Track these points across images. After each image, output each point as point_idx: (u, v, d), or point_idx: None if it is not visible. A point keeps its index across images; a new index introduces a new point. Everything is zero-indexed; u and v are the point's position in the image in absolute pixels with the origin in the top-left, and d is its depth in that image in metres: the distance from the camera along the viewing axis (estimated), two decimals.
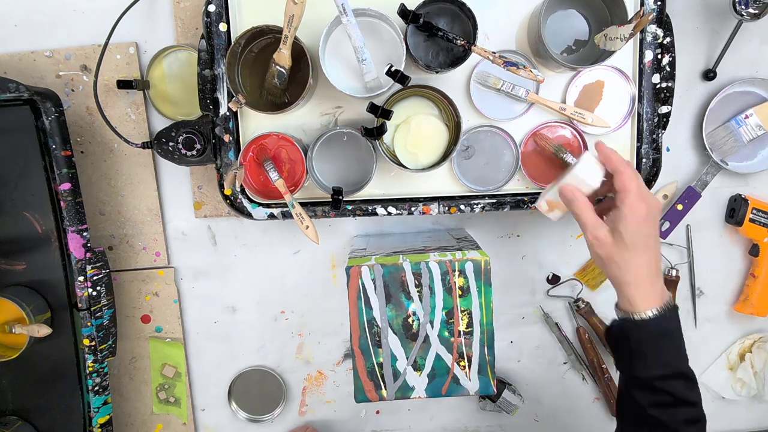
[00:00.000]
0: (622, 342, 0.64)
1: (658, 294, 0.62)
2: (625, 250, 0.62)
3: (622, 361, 0.65)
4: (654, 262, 0.63)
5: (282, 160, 0.77)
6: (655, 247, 0.63)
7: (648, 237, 0.62)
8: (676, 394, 0.61)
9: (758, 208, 0.85)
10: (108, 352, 0.79)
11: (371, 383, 0.72)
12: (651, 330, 0.61)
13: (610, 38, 0.68)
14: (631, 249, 0.61)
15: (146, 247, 0.87)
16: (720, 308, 0.91)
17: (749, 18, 0.77)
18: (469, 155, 0.78)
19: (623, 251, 0.62)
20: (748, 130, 0.83)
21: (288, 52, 0.68)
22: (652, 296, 0.62)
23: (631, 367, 0.63)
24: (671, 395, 0.61)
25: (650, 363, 0.62)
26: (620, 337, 0.64)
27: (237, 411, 0.93)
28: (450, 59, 0.73)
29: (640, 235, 0.61)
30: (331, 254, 0.89)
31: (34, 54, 0.82)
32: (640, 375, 0.62)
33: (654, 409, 0.61)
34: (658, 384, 0.61)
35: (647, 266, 0.62)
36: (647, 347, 0.62)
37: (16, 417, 0.80)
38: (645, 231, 0.62)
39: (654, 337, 0.62)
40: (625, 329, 0.63)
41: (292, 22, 0.65)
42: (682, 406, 0.61)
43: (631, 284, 0.62)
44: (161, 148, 0.77)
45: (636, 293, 0.62)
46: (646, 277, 0.62)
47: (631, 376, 0.64)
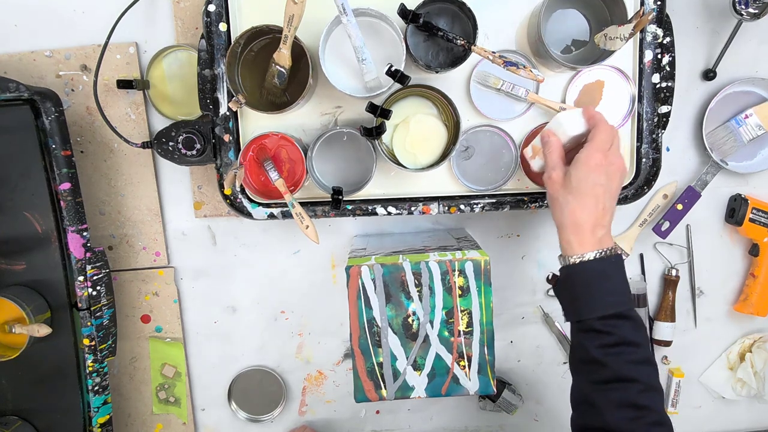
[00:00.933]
0: (566, 288, 0.66)
1: (596, 240, 0.64)
2: (568, 193, 0.64)
3: (568, 307, 0.66)
4: (597, 210, 0.64)
5: (282, 159, 0.77)
6: (602, 197, 0.64)
7: (595, 185, 0.64)
8: (618, 333, 0.62)
9: (758, 208, 0.85)
10: (108, 352, 0.79)
11: (371, 383, 0.72)
12: (590, 272, 0.63)
13: (610, 38, 0.68)
14: (574, 193, 0.64)
15: (146, 246, 0.87)
16: (720, 308, 0.91)
17: (749, 18, 0.77)
18: (468, 155, 0.78)
19: (566, 193, 0.64)
20: (748, 129, 0.83)
21: (288, 52, 0.68)
22: (590, 242, 0.64)
23: (576, 311, 0.65)
24: (613, 334, 0.62)
25: (592, 304, 0.63)
26: (564, 282, 0.66)
27: (237, 411, 0.93)
28: (450, 59, 0.73)
29: (586, 182, 0.63)
30: (331, 254, 0.89)
31: (34, 54, 0.82)
32: (583, 317, 0.64)
33: (598, 350, 0.62)
34: (599, 325, 0.62)
35: (588, 212, 0.64)
36: (588, 289, 0.64)
37: (16, 417, 0.80)
38: (593, 178, 0.63)
39: (594, 278, 0.63)
40: (567, 275, 0.65)
41: (292, 22, 0.65)
42: (625, 345, 0.62)
43: (568, 227, 0.64)
44: (161, 148, 0.77)
45: (573, 237, 0.64)
46: (586, 222, 0.64)
47: (576, 321, 0.65)
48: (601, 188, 0.64)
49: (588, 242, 0.64)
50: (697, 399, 0.94)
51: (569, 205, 0.64)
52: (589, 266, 0.63)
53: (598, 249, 0.64)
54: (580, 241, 0.64)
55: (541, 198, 0.79)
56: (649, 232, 0.87)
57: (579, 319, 0.64)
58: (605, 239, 0.65)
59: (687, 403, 0.93)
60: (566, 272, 0.65)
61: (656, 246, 0.89)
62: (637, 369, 0.62)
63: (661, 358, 0.92)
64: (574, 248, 0.64)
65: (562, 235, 0.66)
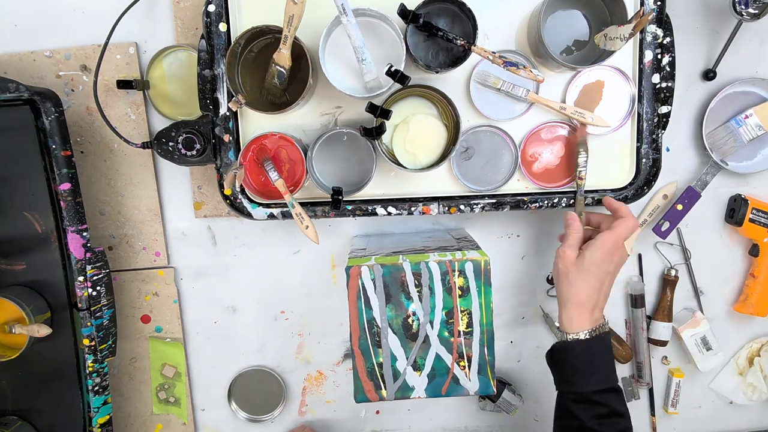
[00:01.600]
0: (563, 361, 0.72)
1: (595, 319, 0.71)
2: (578, 272, 0.70)
3: (563, 378, 0.72)
4: (601, 293, 0.71)
5: (282, 160, 0.77)
6: (607, 282, 0.71)
7: (604, 272, 0.71)
8: (611, 405, 0.69)
9: (758, 208, 0.85)
10: (108, 352, 0.79)
11: (371, 383, 0.72)
12: (588, 349, 0.70)
13: (610, 38, 0.68)
14: (584, 273, 0.70)
15: (146, 247, 0.87)
16: (720, 308, 0.91)
17: (749, 18, 0.77)
18: (468, 156, 0.78)
19: (577, 271, 0.70)
20: (748, 130, 0.83)
21: (288, 52, 0.68)
22: (589, 320, 0.70)
23: (573, 383, 0.71)
24: (607, 406, 0.69)
25: (590, 378, 0.70)
26: (562, 355, 0.72)
27: (237, 411, 0.93)
28: (450, 59, 0.73)
29: (599, 266, 0.70)
30: (331, 254, 0.89)
31: (34, 54, 0.82)
32: (581, 390, 0.70)
33: (592, 420, 0.68)
34: (596, 397, 0.69)
35: (592, 294, 0.70)
36: (586, 364, 0.70)
37: (16, 417, 0.80)
38: (605, 265, 0.70)
39: (592, 355, 0.70)
40: (565, 350, 0.71)
41: (291, 22, 0.65)
42: (616, 416, 0.69)
43: (572, 304, 0.71)
44: (161, 148, 0.77)
45: (574, 315, 0.70)
46: (588, 302, 0.70)
47: (570, 392, 0.71)
48: (609, 275, 0.71)
49: (586, 321, 0.70)
50: (697, 399, 0.94)
51: (578, 283, 0.70)
52: (586, 344, 0.70)
53: (592, 327, 0.70)
54: (580, 320, 0.70)
55: (541, 198, 0.79)
56: (649, 232, 0.87)
57: (577, 391, 0.70)
58: (600, 317, 0.72)
59: (687, 403, 0.93)
60: (564, 347, 0.71)
61: (656, 246, 0.89)
62: None
63: (661, 359, 0.92)
64: (573, 325, 0.70)
65: (565, 311, 0.71)
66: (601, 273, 0.70)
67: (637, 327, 0.90)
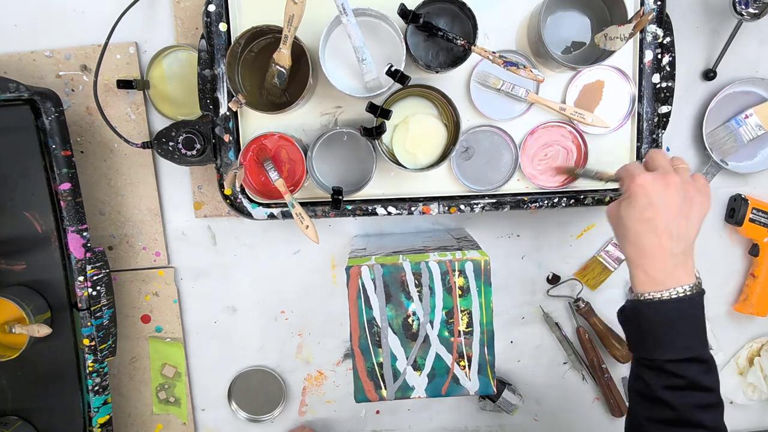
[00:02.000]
0: (634, 322, 0.62)
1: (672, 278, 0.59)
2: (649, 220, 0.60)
3: (635, 342, 0.63)
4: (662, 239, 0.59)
5: (282, 160, 0.77)
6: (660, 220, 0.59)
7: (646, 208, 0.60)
8: (689, 377, 0.58)
9: (758, 208, 0.85)
10: (108, 352, 0.79)
11: (371, 383, 0.72)
12: (664, 313, 0.59)
13: (610, 38, 0.68)
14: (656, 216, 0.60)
15: (146, 247, 0.87)
16: (720, 308, 0.91)
17: (749, 18, 0.77)
18: (468, 156, 0.78)
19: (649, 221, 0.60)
20: (748, 129, 0.83)
21: (288, 52, 0.68)
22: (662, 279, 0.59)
23: (644, 349, 0.61)
24: (683, 378, 0.59)
25: (664, 345, 0.59)
26: (632, 317, 0.62)
27: (237, 411, 0.93)
28: (450, 59, 0.73)
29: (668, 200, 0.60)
30: (331, 254, 0.89)
31: (34, 54, 0.82)
32: (652, 356, 0.60)
33: (664, 391, 0.59)
34: (670, 367, 0.59)
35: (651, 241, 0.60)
36: (660, 330, 0.59)
37: (16, 417, 0.80)
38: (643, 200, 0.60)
39: (669, 320, 0.59)
40: (636, 310, 0.61)
41: (291, 22, 0.65)
42: (695, 390, 0.59)
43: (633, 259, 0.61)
44: (161, 148, 0.77)
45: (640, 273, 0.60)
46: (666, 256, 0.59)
47: (641, 357, 0.61)
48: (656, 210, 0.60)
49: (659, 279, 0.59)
50: None
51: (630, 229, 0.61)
52: (663, 307, 0.59)
53: (674, 287, 0.59)
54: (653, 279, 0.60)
55: (541, 198, 0.79)
56: None
57: (648, 357, 0.61)
58: (682, 274, 0.60)
59: None
60: (634, 306, 0.61)
61: None
62: (704, 414, 0.59)
63: None
64: (646, 285, 0.60)
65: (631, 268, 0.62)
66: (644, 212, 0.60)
67: None
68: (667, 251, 0.59)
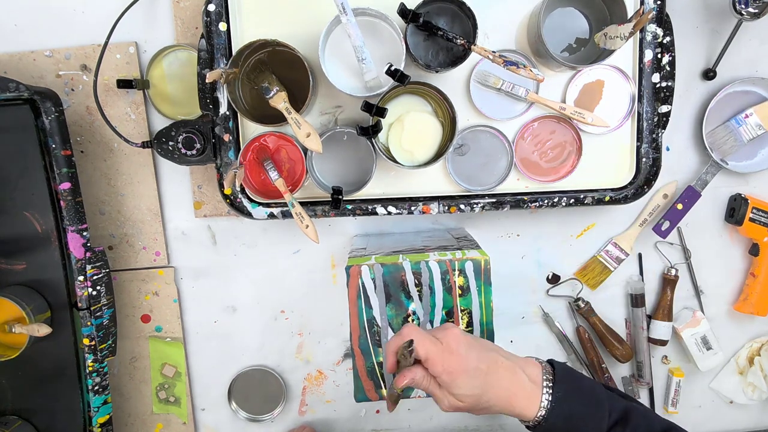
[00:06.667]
0: None
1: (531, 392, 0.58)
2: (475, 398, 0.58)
3: None
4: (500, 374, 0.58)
5: (282, 159, 0.77)
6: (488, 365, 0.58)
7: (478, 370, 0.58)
8: None
9: (758, 208, 0.85)
10: (108, 352, 0.79)
11: (371, 383, 0.72)
12: (556, 424, 0.58)
13: (610, 37, 0.68)
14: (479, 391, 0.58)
15: (146, 246, 0.87)
16: (720, 308, 0.91)
17: (749, 17, 0.77)
18: (463, 152, 0.78)
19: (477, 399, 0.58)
20: (748, 129, 0.83)
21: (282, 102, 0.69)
22: (528, 399, 0.58)
23: None
24: None
25: None
26: None
27: (237, 411, 0.93)
28: (450, 59, 0.73)
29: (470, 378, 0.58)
30: (331, 254, 0.89)
31: (34, 54, 0.82)
32: None
33: None
34: None
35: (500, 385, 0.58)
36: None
37: (16, 417, 0.80)
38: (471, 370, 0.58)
39: (564, 427, 0.58)
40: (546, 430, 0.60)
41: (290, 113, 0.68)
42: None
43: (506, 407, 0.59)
44: (161, 148, 0.77)
45: (518, 409, 0.58)
46: (508, 390, 0.58)
47: None
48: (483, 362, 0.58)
49: (529, 402, 0.58)
50: (697, 398, 0.94)
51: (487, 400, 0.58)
52: (551, 420, 0.58)
53: (542, 391, 0.58)
54: (524, 406, 0.58)
55: (541, 198, 0.79)
56: (649, 232, 0.87)
57: None
58: (533, 378, 0.59)
59: (687, 402, 0.93)
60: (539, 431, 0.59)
61: (656, 245, 0.89)
62: None
63: (661, 358, 0.92)
64: (527, 415, 0.58)
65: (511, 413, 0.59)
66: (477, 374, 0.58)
67: (637, 326, 0.89)
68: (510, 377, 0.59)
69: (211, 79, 0.68)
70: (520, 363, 0.60)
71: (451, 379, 0.57)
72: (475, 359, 0.58)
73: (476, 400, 0.58)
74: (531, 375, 0.59)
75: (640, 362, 0.90)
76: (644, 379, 0.90)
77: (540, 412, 0.58)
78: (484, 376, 0.58)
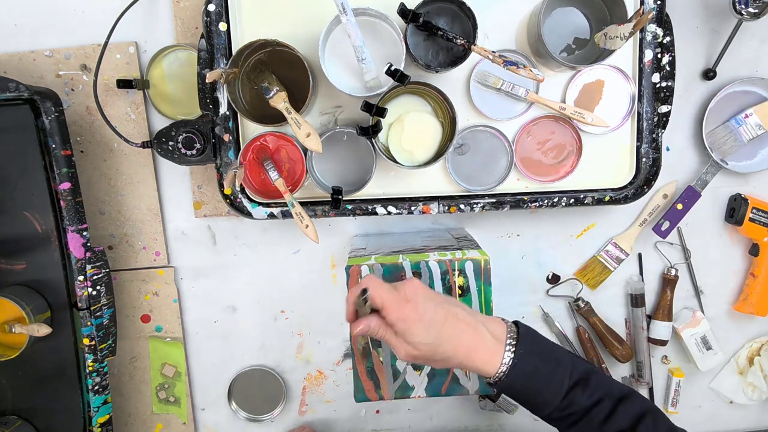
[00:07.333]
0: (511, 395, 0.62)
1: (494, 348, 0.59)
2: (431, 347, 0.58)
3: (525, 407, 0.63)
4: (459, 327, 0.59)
5: (282, 159, 0.77)
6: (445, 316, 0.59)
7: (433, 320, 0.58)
8: (576, 409, 0.59)
9: (758, 208, 0.85)
10: (108, 352, 0.79)
11: (371, 383, 0.72)
12: (516, 381, 0.59)
13: (610, 37, 0.68)
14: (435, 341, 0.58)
15: (146, 246, 0.87)
16: (720, 308, 0.91)
17: (749, 17, 0.77)
18: (462, 152, 0.78)
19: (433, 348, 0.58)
20: (748, 129, 0.83)
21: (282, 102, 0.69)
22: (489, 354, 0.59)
23: (533, 410, 0.62)
24: (574, 413, 0.60)
25: (539, 405, 0.60)
26: (504, 393, 0.63)
27: (237, 411, 0.93)
28: (450, 59, 0.73)
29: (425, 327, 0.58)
30: (331, 254, 0.89)
31: (34, 54, 0.82)
32: (540, 415, 0.61)
33: (571, 428, 0.61)
34: (557, 414, 0.60)
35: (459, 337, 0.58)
36: (525, 395, 0.60)
37: (16, 417, 0.80)
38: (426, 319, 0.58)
39: (524, 384, 0.59)
40: (500, 390, 0.61)
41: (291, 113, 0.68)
42: (589, 411, 0.59)
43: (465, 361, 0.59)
44: (161, 148, 0.77)
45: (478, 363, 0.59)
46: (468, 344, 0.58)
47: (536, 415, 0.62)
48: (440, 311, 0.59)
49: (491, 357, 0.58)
50: (697, 398, 0.94)
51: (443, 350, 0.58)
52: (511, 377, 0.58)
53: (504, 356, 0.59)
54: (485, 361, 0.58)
55: (541, 198, 0.79)
56: (649, 232, 0.87)
57: (540, 416, 0.62)
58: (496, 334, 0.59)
59: (687, 402, 0.93)
60: (499, 387, 0.60)
61: (656, 245, 0.89)
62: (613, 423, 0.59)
63: (661, 358, 0.92)
64: (488, 371, 0.59)
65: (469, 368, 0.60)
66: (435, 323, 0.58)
67: (637, 326, 0.89)
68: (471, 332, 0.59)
69: (211, 79, 0.68)
70: (483, 320, 0.61)
71: (406, 327, 0.57)
72: (432, 310, 0.58)
73: (432, 350, 0.58)
74: (494, 332, 0.60)
75: (640, 362, 0.90)
76: (644, 379, 0.90)
77: (501, 368, 0.58)
78: (440, 326, 0.58)
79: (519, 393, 0.61)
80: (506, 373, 0.59)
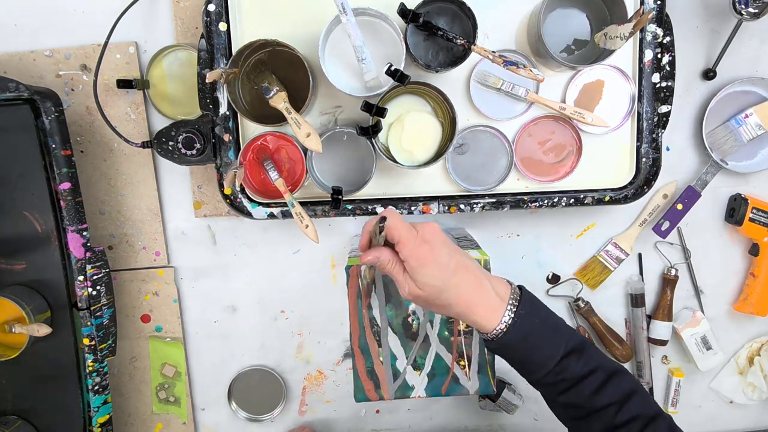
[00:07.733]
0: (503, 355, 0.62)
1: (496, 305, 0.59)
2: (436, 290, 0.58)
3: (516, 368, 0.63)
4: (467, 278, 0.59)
5: (282, 159, 0.77)
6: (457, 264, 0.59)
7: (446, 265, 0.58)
8: (568, 376, 0.60)
9: (758, 208, 0.85)
10: (108, 352, 0.79)
11: (371, 383, 0.72)
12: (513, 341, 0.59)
13: (610, 37, 0.68)
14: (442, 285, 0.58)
15: (146, 246, 0.87)
16: (720, 308, 0.91)
17: (749, 17, 0.77)
18: (462, 151, 0.78)
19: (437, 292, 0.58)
20: (748, 129, 0.83)
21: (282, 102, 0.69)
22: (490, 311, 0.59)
23: (524, 373, 0.62)
24: (565, 380, 0.60)
25: (532, 368, 0.61)
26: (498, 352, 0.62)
27: (237, 411, 0.93)
28: (450, 58, 0.73)
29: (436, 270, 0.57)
30: (331, 254, 0.89)
31: (34, 54, 0.82)
32: (533, 378, 0.62)
33: (562, 396, 0.61)
34: (550, 379, 0.60)
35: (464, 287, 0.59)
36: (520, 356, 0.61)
37: (16, 417, 0.80)
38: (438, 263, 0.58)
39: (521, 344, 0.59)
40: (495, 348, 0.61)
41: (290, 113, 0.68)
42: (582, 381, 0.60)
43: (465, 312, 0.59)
44: (161, 148, 0.77)
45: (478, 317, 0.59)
46: (471, 296, 0.59)
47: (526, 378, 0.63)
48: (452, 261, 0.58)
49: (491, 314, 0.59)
50: (697, 398, 0.94)
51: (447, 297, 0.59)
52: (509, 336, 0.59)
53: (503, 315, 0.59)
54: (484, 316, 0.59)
55: (541, 198, 0.79)
56: (649, 232, 0.87)
57: (530, 380, 0.62)
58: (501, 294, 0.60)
59: (687, 402, 0.93)
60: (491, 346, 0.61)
61: (656, 245, 0.89)
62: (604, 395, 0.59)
63: (661, 358, 0.92)
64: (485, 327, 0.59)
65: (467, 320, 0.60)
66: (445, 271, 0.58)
67: (637, 326, 0.90)
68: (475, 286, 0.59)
69: (211, 79, 0.68)
70: (490, 277, 0.61)
71: (418, 265, 0.57)
72: (446, 255, 0.58)
73: (436, 294, 0.58)
74: (498, 290, 0.60)
75: (640, 362, 0.90)
76: (644, 379, 0.90)
77: (500, 326, 0.59)
78: (450, 272, 0.58)
79: (514, 353, 0.61)
80: (504, 331, 0.59)
